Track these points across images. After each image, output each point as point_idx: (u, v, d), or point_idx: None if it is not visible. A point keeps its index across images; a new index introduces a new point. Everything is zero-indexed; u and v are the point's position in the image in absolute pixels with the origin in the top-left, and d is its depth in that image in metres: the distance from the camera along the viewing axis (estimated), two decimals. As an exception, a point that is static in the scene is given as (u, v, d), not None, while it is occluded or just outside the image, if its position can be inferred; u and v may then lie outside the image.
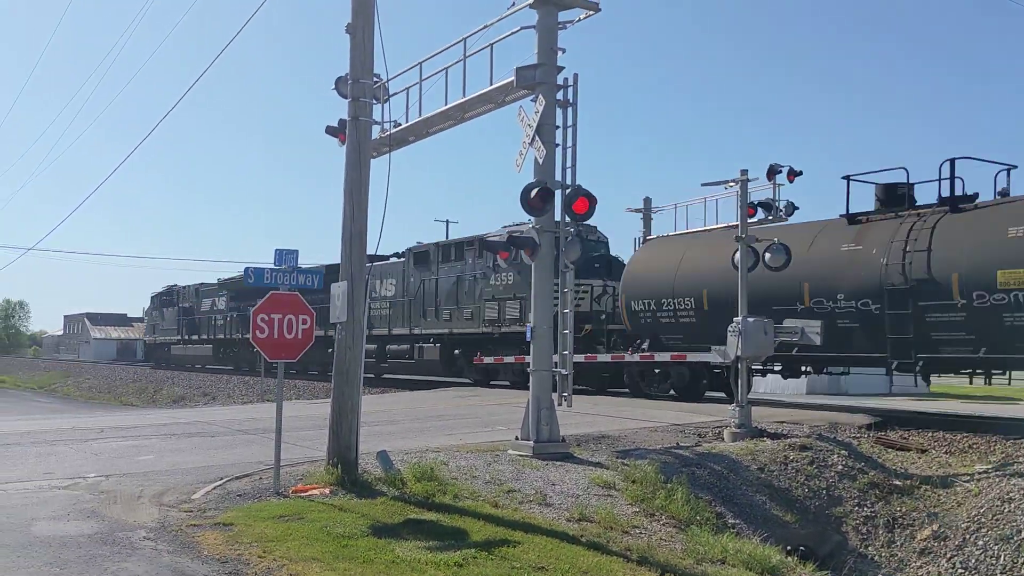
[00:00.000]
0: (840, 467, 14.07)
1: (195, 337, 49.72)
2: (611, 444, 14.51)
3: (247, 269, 10.86)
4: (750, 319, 16.03)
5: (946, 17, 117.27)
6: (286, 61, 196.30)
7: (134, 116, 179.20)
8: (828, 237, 19.28)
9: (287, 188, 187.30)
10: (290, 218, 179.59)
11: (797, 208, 17.95)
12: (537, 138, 12.75)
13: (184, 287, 52.39)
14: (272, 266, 10.86)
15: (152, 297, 57.33)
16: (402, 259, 31.67)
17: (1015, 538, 11.48)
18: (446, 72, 14.43)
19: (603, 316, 25.15)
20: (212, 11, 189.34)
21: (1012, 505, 12.06)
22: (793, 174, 17.23)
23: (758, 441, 15.00)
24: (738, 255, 16.64)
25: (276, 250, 10.84)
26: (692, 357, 21.22)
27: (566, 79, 12.95)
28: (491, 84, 13.72)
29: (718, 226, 23.90)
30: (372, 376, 31.48)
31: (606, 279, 25.60)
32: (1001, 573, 11.19)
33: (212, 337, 47.52)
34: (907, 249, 17.21)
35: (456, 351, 29.25)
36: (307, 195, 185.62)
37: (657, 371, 22.67)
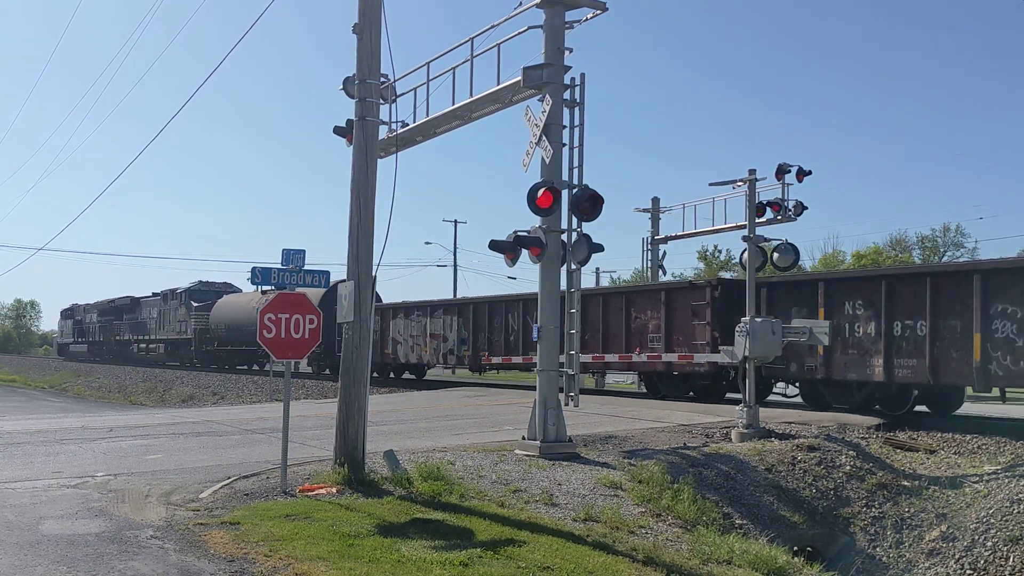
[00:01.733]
0: (848, 468, 14.04)
1: (80, 340, 74.90)
2: (618, 444, 14.51)
3: (254, 269, 10.88)
4: (758, 319, 16.00)
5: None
6: (294, 61, 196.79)
7: (141, 117, 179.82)
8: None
9: (293, 188, 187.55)
10: (296, 218, 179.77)
11: (806, 208, 17.92)
12: (544, 138, 12.74)
13: (78, 305, 77.18)
14: (279, 265, 10.87)
15: (61, 311, 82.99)
16: (158, 297, 58.68)
17: (1024, 539, 11.42)
18: (453, 72, 14.44)
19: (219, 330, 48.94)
20: (220, 13, 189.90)
21: (1021, 506, 12.00)
22: (802, 174, 17.19)
23: (766, 442, 14.97)
24: (746, 255, 16.63)
25: (284, 250, 10.85)
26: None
27: (573, 79, 12.95)
28: (498, 84, 13.70)
29: (726, 226, 23.89)
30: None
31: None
32: (1010, 574, 11.14)
33: (87, 340, 72.98)
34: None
35: (168, 348, 57.41)
36: (313, 196, 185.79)
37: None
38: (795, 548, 10.05)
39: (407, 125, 14.70)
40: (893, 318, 18.16)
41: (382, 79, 11.54)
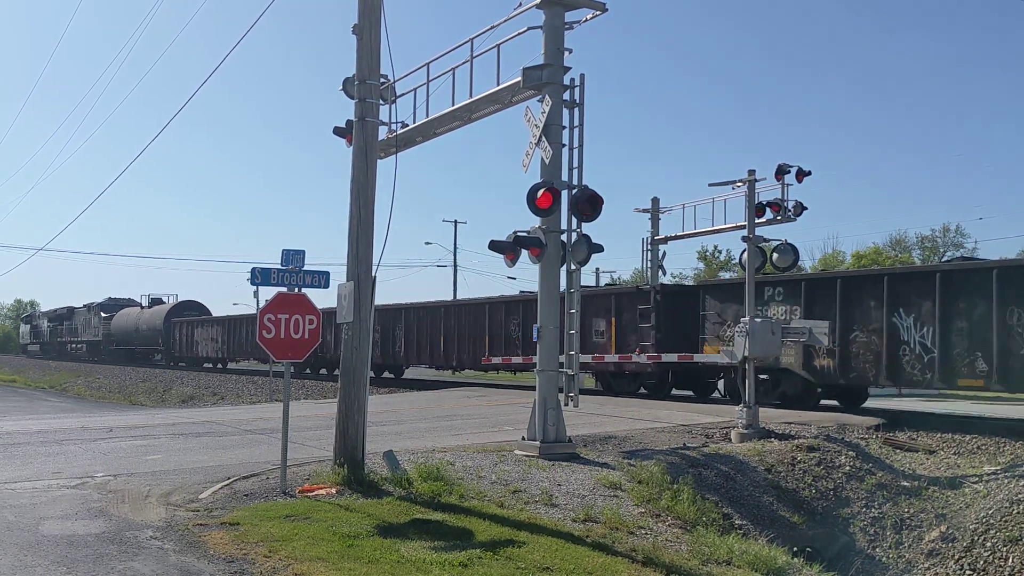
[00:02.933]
0: (848, 468, 14.04)
1: (35, 341, 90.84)
2: (618, 445, 14.52)
3: (254, 269, 10.88)
4: (757, 319, 16.01)
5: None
6: (294, 62, 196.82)
7: (142, 118, 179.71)
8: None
9: (293, 190, 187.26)
10: (296, 220, 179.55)
11: (806, 208, 17.91)
12: (544, 139, 12.75)
13: (33, 313, 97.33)
14: (279, 266, 10.87)
15: (22, 318, 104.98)
16: (84, 308, 73.83)
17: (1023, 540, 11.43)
18: (453, 73, 14.44)
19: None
20: (221, 11, 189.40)
21: (1021, 507, 12.01)
22: (802, 174, 17.17)
23: (765, 442, 14.98)
24: (746, 255, 16.65)
25: (283, 250, 10.85)
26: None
27: (573, 80, 12.95)
28: (498, 84, 13.70)
29: (726, 226, 23.87)
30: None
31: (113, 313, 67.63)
32: (1010, 575, 11.14)
33: (40, 341, 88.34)
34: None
35: (88, 347, 72.49)
36: (313, 197, 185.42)
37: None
38: (795, 548, 10.04)
39: (407, 126, 14.71)
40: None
41: (382, 80, 11.55)
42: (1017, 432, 16.07)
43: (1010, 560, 11.31)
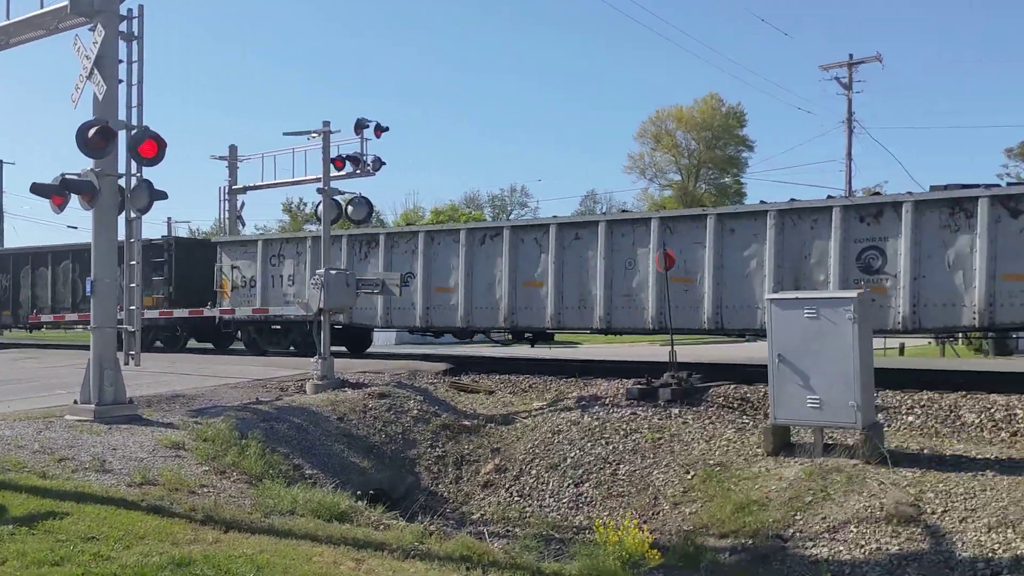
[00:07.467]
0: (416, 412, 14.77)
1: None
2: (186, 403, 13.85)
3: None
4: (332, 271, 16.14)
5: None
6: None
7: None
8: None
9: None
10: None
11: (384, 163, 18.35)
12: (96, 72, 11.57)
13: None
14: None
15: None
16: None
17: (561, 465, 12.91)
18: (-16, -12, 12.56)
19: None
20: None
21: (560, 436, 13.54)
22: (380, 130, 17.51)
23: (340, 392, 15.24)
24: (321, 207, 16.68)
25: None
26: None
27: (130, 10, 11.89)
28: (41, 8, 12.20)
29: (306, 178, 23.74)
30: None
31: None
32: (550, 497, 12.53)
33: None
34: None
35: None
36: None
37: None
38: (359, 492, 10.32)
39: (-75, 45, 12.55)
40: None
41: None
42: (565, 371, 18.02)
43: (550, 484, 12.71)
